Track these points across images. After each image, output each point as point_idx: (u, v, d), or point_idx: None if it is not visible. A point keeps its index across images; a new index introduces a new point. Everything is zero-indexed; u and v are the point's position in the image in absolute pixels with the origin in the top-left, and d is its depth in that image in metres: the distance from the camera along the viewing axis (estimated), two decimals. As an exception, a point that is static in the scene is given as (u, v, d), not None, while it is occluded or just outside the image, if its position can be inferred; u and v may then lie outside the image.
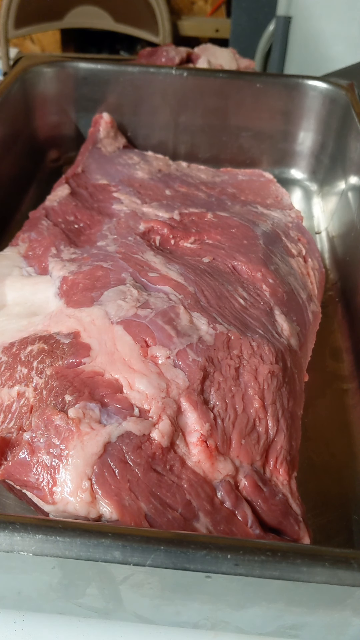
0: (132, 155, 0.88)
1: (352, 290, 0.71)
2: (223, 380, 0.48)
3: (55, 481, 0.41)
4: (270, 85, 0.90)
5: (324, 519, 0.51)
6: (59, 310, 0.55)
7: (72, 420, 0.43)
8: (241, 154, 0.95)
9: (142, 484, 0.41)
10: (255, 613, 0.39)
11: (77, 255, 0.63)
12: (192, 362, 0.48)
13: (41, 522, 0.35)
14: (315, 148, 0.92)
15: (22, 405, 0.48)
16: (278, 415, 0.48)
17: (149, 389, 0.46)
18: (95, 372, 0.48)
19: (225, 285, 0.58)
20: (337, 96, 0.86)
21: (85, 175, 0.81)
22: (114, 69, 0.90)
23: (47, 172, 0.93)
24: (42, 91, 0.90)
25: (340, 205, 0.83)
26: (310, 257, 0.70)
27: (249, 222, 0.69)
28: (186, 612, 0.41)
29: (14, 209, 0.84)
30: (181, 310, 0.53)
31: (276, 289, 0.60)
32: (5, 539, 0.34)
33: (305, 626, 0.40)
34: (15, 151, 0.85)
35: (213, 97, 0.90)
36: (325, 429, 0.59)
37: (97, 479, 0.41)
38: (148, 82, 0.89)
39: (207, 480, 0.44)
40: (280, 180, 0.87)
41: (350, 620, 0.38)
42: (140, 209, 0.72)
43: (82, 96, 0.91)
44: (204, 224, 0.69)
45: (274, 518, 0.44)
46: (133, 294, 0.54)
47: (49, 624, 0.45)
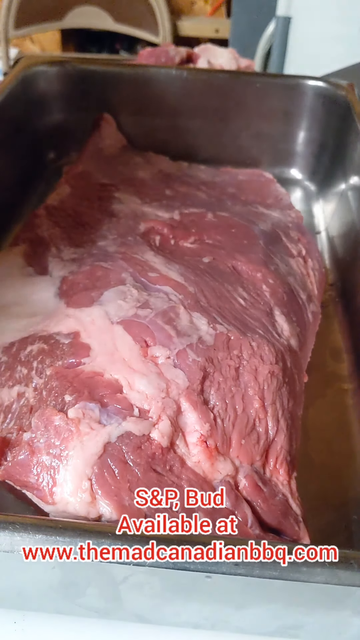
0: (132, 155, 0.88)
1: (352, 290, 0.71)
2: (223, 381, 0.48)
3: (55, 481, 0.41)
4: (270, 85, 0.90)
5: (323, 519, 0.51)
6: (58, 310, 0.55)
7: (71, 420, 0.43)
8: (241, 154, 0.95)
9: (142, 484, 0.41)
10: (255, 613, 0.39)
11: (77, 255, 0.63)
12: (192, 362, 0.48)
13: (41, 522, 0.35)
14: (315, 148, 0.92)
15: (22, 405, 0.48)
16: (278, 415, 0.48)
17: (148, 389, 0.46)
18: (95, 372, 0.48)
19: (225, 285, 0.58)
20: (337, 96, 0.86)
21: (85, 175, 0.81)
22: (114, 69, 0.90)
23: (47, 172, 0.93)
24: (42, 91, 0.90)
25: (340, 205, 0.83)
26: (310, 257, 0.70)
27: (249, 222, 0.69)
28: (186, 612, 0.41)
29: (14, 209, 0.84)
30: (181, 310, 0.53)
31: (276, 289, 0.60)
32: (5, 539, 0.35)
33: (305, 626, 0.40)
34: (15, 151, 0.85)
35: (213, 97, 0.90)
36: (325, 429, 0.59)
37: (97, 479, 0.41)
38: (148, 82, 0.89)
39: (207, 481, 0.44)
40: (280, 180, 0.87)
41: (350, 620, 0.38)
42: (140, 209, 0.72)
43: (82, 96, 0.91)
44: (204, 224, 0.69)
45: (274, 518, 0.44)
46: (133, 294, 0.54)
47: (49, 624, 0.45)
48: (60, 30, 2.03)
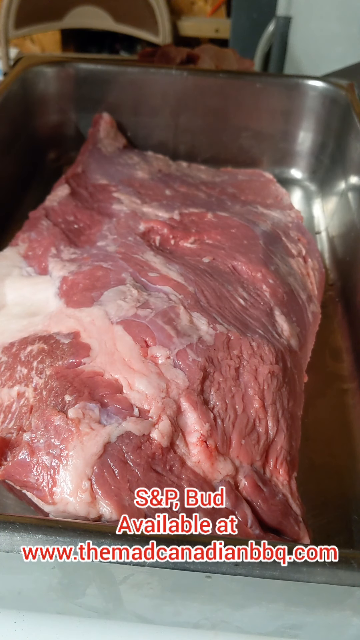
0: (132, 155, 0.88)
1: (352, 290, 0.71)
2: (223, 381, 0.48)
3: (55, 481, 0.41)
4: (270, 85, 0.90)
5: (323, 519, 0.51)
6: (58, 310, 0.55)
7: (71, 420, 0.43)
8: (241, 154, 0.95)
9: (142, 484, 0.41)
10: (255, 613, 0.39)
11: (77, 256, 0.63)
12: (192, 362, 0.48)
13: (41, 522, 0.35)
14: (315, 148, 0.92)
15: (22, 405, 0.48)
16: (278, 415, 0.48)
17: (148, 389, 0.46)
18: (95, 372, 0.48)
19: (225, 285, 0.58)
20: (337, 96, 0.86)
21: (85, 175, 0.81)
22: (114, 69, 0.90)
23: (47, 172, 0.93)
24: (42, 91, 0.90)
25: (340, 205, 0.83)
26: (310, 257, 0.70)
27: (249, 222, 0.69)
28: (186, 612, 0.41)
29: (14, 209, 0.84)
30: (181, 310, 0.53)
31: (276, 289, 0.60)
32: (5, 539, 0.35)
33: (305, 626, 0.40)
34: (15, 151, 0.85)
35: (213, 97, 0.90)
36: (325, 429, 0.59)
37: (97, 479, 0.41)
38: (148, 82, 0.89)
39: (207, 481, 0.44)
40: (280, 180, 0.88)
41: (350, 620, 0.38)
42: (140, 209, 0.72)
43: (82, 96, 0.91)
44: (204, 224, 0.69)
45: (274, 518, 0.44)
46: (133, 294, 0.54)
47: (49, 624, 0.45)
48: (60, 30, 2.03)
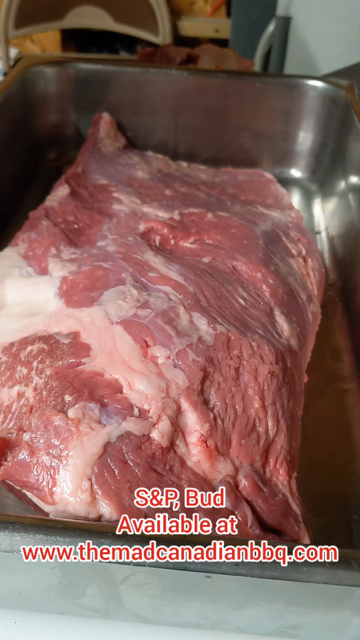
0: (132, 155, 0.88)
1: (352, 290, 0.71)
2: (223, 381, 0.48)
3: (55, 481, 0.41)
4: (270, 85, 0.90)
5: (323, 519, 0.51)
6: (58, 310, 0.55)
7: (71, 420, 0.43)
8: (241, 154, 0.95)
9: (142, 484, 0.41)
10: (255, 613, 0.39)
11: (77, 256, 0.63)
12: (192, 362, 0.48)
13: (41, 522, 0.35)
14: (315, 148, 0.92)
15: (22, 405, 0.48)
16: (278, 415, 0.48)
17: (148, 389, 0.46)
18: (95, 372, 0.48)
19: (225, 285, 0.58)
20: (337, 96, 0.86)
21: (85, 175, 0.81)
22: (114, 69, 0.90)
23: (47, 172, 0.93)
24: (42, 91, 0.90)
25: (340, 205, 0.83)
26: (310, 257, 0.70)
27: (249, 222, 0.69)
28: (186, 612, 0.41)
29: (14, 209, 0.84)
30: (181, 310, 0.53)
31: (276, 289, 0.60)
32: (5, 539, 0.35)
33: (305, 626, 0.40)
34: (15, 151, 0.85)
35: (213, 97, 0.90)
36: (325, 429, 0.59)
37: (97, 479, 0.41)
38: (148, 82, 0.89)
39: (207, 481, 0.44)
40: (280, 180, 0.88)
41: (350, 620, 0.38)
42: (140, 209, 0.72)
43: (82, 96, 0.91)
44: (204, 224, 0.69)
45: (274, 518, 0.44)
46: (133, 294, 0.54)
47: (49, 624, 0.45)
48: (60, 30, 2.03)
